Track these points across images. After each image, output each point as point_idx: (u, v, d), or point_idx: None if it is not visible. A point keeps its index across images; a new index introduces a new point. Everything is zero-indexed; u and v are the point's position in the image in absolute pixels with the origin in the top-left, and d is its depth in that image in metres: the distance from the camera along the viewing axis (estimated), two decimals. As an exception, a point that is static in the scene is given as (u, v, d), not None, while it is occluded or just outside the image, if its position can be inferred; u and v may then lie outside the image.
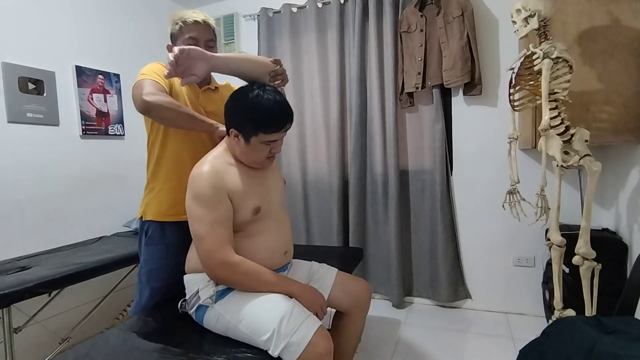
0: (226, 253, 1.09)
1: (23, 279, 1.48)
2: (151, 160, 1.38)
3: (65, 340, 1.77)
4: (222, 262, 1.09)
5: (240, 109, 1.14)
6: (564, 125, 1.40)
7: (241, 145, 1.16)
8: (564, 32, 1.66)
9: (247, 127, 1.12)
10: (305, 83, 2.64)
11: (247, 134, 1.13)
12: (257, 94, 1.12)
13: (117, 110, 2.42)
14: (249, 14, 2.79)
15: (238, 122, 1.14)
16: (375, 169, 2.49)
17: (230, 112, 1.17)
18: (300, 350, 1.00)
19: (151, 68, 1.28)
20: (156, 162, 1.36)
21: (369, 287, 1.45)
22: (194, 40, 1.31)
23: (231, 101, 1.17)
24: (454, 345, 1.96)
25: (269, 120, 1.11)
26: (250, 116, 1.11)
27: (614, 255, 1.72)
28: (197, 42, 1.30)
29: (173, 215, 1.34)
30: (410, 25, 2.27)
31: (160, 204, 1.35)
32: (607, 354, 0.92)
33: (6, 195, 1.85)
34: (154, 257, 1.38)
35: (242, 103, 1.13)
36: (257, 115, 1.10)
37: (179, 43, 1.32)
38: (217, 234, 1.09)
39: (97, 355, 1.05)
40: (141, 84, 1.20)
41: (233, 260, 1.10)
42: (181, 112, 1.21)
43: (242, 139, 1.14)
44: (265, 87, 1.14)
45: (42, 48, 2.02)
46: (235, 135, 1.15)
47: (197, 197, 1.11)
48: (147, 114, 1.20)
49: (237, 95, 1.16)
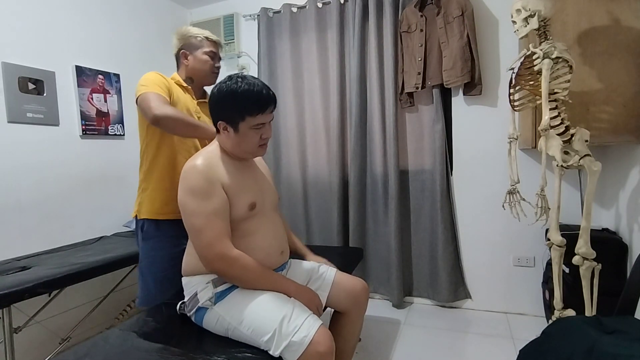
0: (225, 246, 1.09)
1: (23, 279, 1.48)
2: (145, 161, 1.45)
3: (65, 340, 1.77)
4: (220, 255, 1.09)
5: (223, 98, 1.15)
6: (564, 125, 1.40)
7: (231, 136, 1.16)
8: (564, 32, 1.66)
9: (234, 114, 1.14)
10: (305, 83, 2.64)
11: (235, 122, 1.14)
12: (235, 81, 1.14)
13: (117, 110, 2.42)
14: (249, 14, 2.79)
15: (224, 113, 1.15)
16: (375, 169, 2.49)
17: (215, 106, 1.18)
18: (302, 350, 1.00)
19: (151, 79, 1.36)
20: (150, 163, 1.43)
21: (367, 286, 1.45)
22: (213, 54, 1.51)
23: (213, 96, 1.17)
24: (454, 345, 1.96)
25: (252, 102, 1.12)
26: (234, 102, 1.12)
27: (614, 255, 1.72)
28: (214, 57, 1.51)
29: (167, 214, 1.41)
30: (410, 25, 2.27)
31: (153, 203, 1.42)
32: (607, 354, 0.92)
33: (6, 196, 1.86)
34: (152, 250, 1.44)
35: (223, 93, 1.14)
36: (240, 100, 1.12)
37: (198, 53, 1.50)
38: (214, 226, 1.09)
39: (97, 355, 1.05)
40: (147, 97, 1.29)
41: (232, 254, 1.10)
42: (187, 122, 1.31)
43: (231, 129, 1.15)
44: (243, 75, 1.16)
45: (42, 48, 2.02)
46: (224, 128, 1.16)
47: (192, 190, 1.11)
48: (157, 126, 1.31)
49: (217, 89, 1.17)
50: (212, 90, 1.19)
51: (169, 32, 2.84)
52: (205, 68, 1.50)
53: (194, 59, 1.50)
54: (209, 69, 1.51)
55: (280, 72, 2.70)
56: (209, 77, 1.53)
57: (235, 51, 2.84)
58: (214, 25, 2.88)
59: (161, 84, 1.36)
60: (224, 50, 2.86)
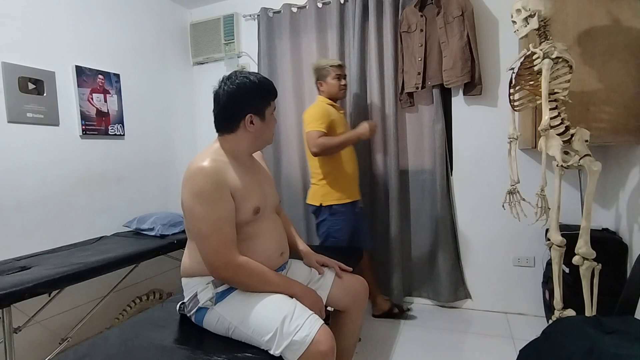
0: (232, 254, 1.09)
1: (23, 279, 1.47)
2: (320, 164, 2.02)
3: (65, 340, 1.77)
4: (227, 263, 1.09)
5: (247, 93, 1.18)
6: (564, 125, 1.40)
7: (257, 128, 1.20)
8: (564, 32, 1.67)
9: (261, 102, 1.21)
10: (305, 83, 2.64)
11: (262, 110, 1.21)
12: (246, 76, 1.20)
13: (117, 110, 2.42)
14: (249, 14, 2.79)
15: (251, 105, 1.19)
16: (375, 169, 2.49)
17: (241, 102, 1.18)
18: (303, 349, 1.00)
19: (313, 117, 1.95)
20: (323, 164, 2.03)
21: (366, 284, 1.45)
22: (338, 76, 2.07)
23: (233, 94, 1.17)
24: (454, 345, 1.96)
25: (270, 87, 1.24)
26: (258, 92, 1.19)
27: (614, 255, 1.72)
28: (340, 78, 2.07)
29: (344, 199, 2.02)
30: (410, 25, 2.27)
31: (333, 194, 2.01)
32: (607, 354, 0.92)
33: (6, 196, 1.85)
34: (337, 221, 2.00)
35: (244, 89, 1.18)
36: (262, 88, 1.20)
37: (329, 79, 2.06)
38: (222, 234, 1.08)
39: (97, 355, 1.05)
40: (311, 135, 1.91)
41: (238, 261, 1.10)
42: (341, 143, 1.94)
43: (257, 120, 1.20)
44: (240, 71, 1.23)
45: (42, 48, 2.02)
46: (250, 122, 1.18)
47: (199, 194, 1.09)
48: (320, 155, 1.95)
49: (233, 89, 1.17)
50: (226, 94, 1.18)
51: (169, 32, 2.87)
52: (335, 89, 2.06)
53: (327, 85, 2.07)
54: (337, 88, 2.07)
55: (280, 72, 2.70)
56: (339, 94, 2.09)
57: (235, 51, 2.84)
58: (214, 25, 2.88)
59: (322, 119, 1.94)
60: (224, 50, 2.86)
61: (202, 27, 2.94)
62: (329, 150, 1.92)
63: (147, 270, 2.36)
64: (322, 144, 1.88)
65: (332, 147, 1.92)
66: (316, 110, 1.98)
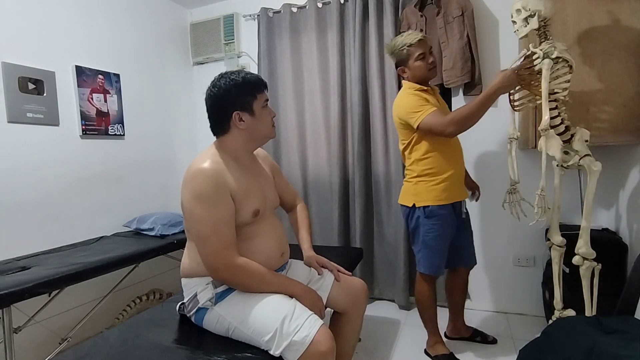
0: (231, 255, 1.09)
1: (23, 279, 1.48)
2: (416, 158, 1.67)
3: (65, 340, 1.77)
4: (227, 265, 1.09)
5: (230, 91, 1.17)
6: (564, 125, 1.40)
7: (248, 124, 1.18)
8: (564, 32, 1.67)
9: (246, 97, 1.18)
10: (306, 83, 2.64)
11: (249, 105, 1.18)
12: (228, 76, 1.19)
13: (117, 110, 2.42)
14: (249, 14, 2.79)
15: (237, 101, 1.18)
16: (377, 169, 2.48)
17: (226, 102, 1.18)
18: (303, 349, 1.00)
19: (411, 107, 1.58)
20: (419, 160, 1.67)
21: (366, 286, 1.45)
22: (422, 55, 1.63)
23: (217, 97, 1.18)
24: (454, 346, 1.96)
25: (254, 81, 1.21)
26: (241, 88, 1.17)
27: (614, 255, 1.71)
28: (424, 57, 1.64)
29: (443, 200, 1.65)
30: (410, 25, 2.27)
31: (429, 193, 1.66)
32: (607, 354, 0.93)
33: (6, 196, 1.85)
34: (435, 226, 1.66)
35: (225, 89, 1.17)
36: (245, 84, 1.18)
37: (411, 63, 1.65)
38: (221, 235, 1.08)
39: (97, 355, 1.05)
40: (428, 121, 1.53)
41: (238, 262, 1.10)
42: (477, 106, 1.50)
43: (246, 116, 1.18)
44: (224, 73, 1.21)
45: (42, 48, 2.02)
46: (239, 119, 1.18)
47: (200, 196, 1.09)
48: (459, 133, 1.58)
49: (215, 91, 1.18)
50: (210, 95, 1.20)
51: (169, 32, 2.87)
52: (422, 72, 1.65)
53: (410, 69, 1.67)
54: (425, 70, 1.65)
55: (280, 72, 2.70)
56: (429, 74, 1.68)
57: (235, 51, 2.84)
58: (214, 25, 2.88)
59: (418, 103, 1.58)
60: (224, 50, 2.86)
61: (202, 27, 2.94)
62: (465, 122, 1.51)
63: (147, 271, 2.36)
64: (451, 119, 1.50)
65: (468, 117, 1.51)
66: (407, 101, 1.61)
